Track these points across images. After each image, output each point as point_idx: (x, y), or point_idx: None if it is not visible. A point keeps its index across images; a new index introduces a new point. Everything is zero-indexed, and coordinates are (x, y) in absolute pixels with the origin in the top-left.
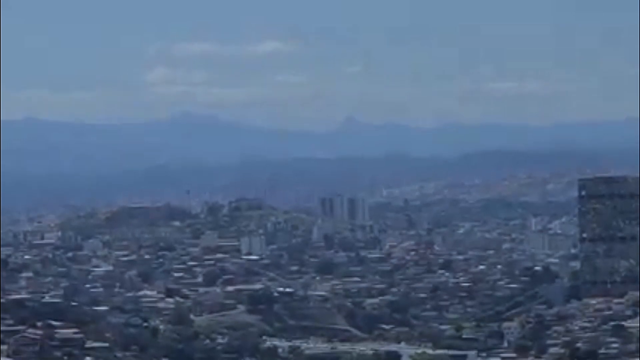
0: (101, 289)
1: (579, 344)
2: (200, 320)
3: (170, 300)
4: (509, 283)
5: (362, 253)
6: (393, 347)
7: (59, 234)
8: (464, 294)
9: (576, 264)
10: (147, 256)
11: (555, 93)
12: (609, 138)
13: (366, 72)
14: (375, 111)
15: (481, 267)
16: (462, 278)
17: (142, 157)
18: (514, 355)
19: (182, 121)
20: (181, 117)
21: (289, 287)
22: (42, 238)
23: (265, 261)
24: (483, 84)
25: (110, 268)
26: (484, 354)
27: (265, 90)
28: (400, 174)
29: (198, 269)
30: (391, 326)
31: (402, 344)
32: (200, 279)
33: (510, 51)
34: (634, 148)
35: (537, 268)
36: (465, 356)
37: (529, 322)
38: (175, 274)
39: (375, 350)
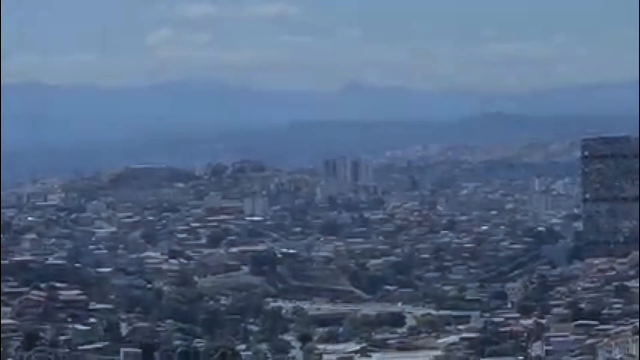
0: (105, 251)
1: (582, 305)
2: (203, 282)
3: (174, 261)
4: (512, 244)
5: (366, 214)
6: (397, 308)
7: (62, 195)
8: (467, 255)
9: (579, 225)
10: (150, 217)
11: (556, 55)
12: (610, 100)
13: (369, 35)
14: (378, 75)
15: (484, 227)
16: (465, 239)
17: (145, 122)
18: (517, 315)
19: (185, 85)
20: (184, 81)
21: (292, 248)
22: (45, 200)
23: (269, 222)
24: (484, 46)
25: (114, 229)
26: (487, 315)
27: (269, 53)
28: (403, 137)
29: (201, 230)
30: (395, 287)
31: (405, 305)
32: (203, 240)
33: (511, 12)
34: (634, 110)
35: (540, 228)
36: (468, 317)
37: (532, 283)
38: (179, 235)
39: (379, 311)
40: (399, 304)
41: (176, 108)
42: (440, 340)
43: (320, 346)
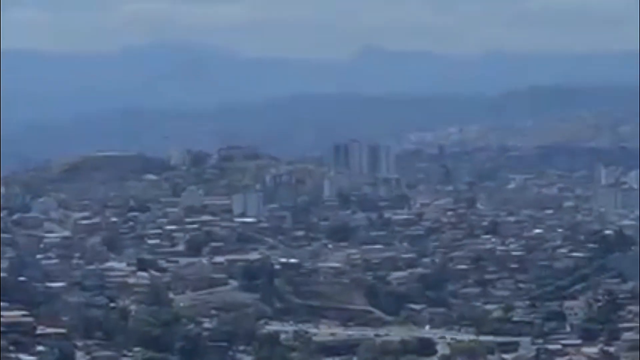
0: (56, 261)
1: None
2: (181, 300)
3: (143, 274)
4: (572, 251)
5: (386, 214)
6: (425, 332)
7: (2, 191)
8: (515, 265)
9: None
10: (114, 218)
11: (625, 13)
12: None
13: None
14: (400, 37)
15: (537, 230)
16: (512, 245)
17: (109, 97)
18: (578, 342)
19: (159, 51)
20: (157, 45)
21: (293, 257)
22: None
23: (264, 224)
24: (532, 2)
25: (67, 234)
26: (540, 341)
27: (262, 11)
28: (434, 115)
29: (179, 235)
30: (423, 306)
31: (436, 329)
32: (181, 247)
33: None
34: None
35: (607, 232)
36: (517, 344)
37: (597, 301)
38: (150, 241)
39: (403, 336)
40: (428, 328)
41: (144, 81)
42: None
43: None
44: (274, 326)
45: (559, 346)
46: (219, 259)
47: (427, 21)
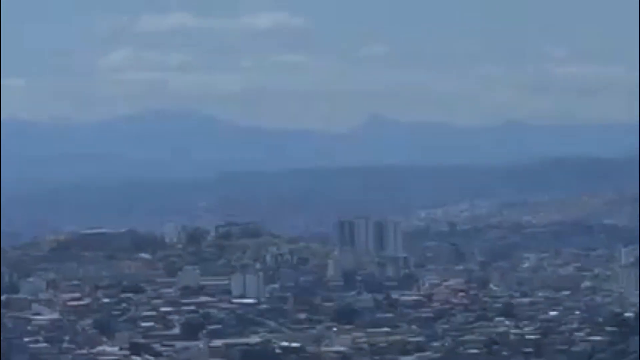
0: (44, 345)
1: None
2: None
3: (137, 358)
4: (590, 335)
5: (394, 295)
6: None
7: None
8: (530, 350)
9: None
10: (105, 300)
11: None
12: None
13: (393, 55)
14: (407, 107)
15: (553, 313)
16: (527, 328)
17: (98, 168)
18: None
19: (150, 119)
20: (149, 114)
21: (295, 340)
22: None
23: (264, 306)
24: (547, 69)
25: (56, 316)
26: None
27: (261, 78)
28: (444, 189)
29: (174, 317)
30: None
31: None
32: (177, 330)
33: (582, 25)
34: None
35: (628, 314)
36: None
37: None
38: (144, 324)
39: None
40: None
41: (142, 150)
42: None
43: None
44: None
45: None
46: (217, 342)
47: (437, 88)
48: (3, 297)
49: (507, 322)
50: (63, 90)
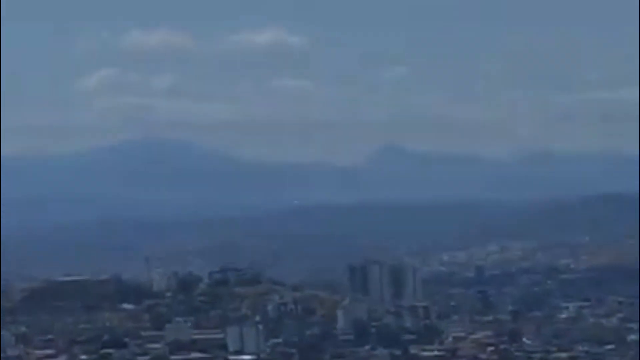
0: None
1: None
2: None
3: None
4: None
5: (413, 350)
6: None
7: None
8: None
9: None
10: (83, 357)
11: None
12: None
13: (410, 79)
14: (425, 135)
15: None
16: None
17: (76, 207)
18: None
19: (136, 151)
20: (134, 144)
21: None
22: None
23: None
24: (584, 94)
25: None
26: None
27: (259, 105)
28: (469, 229)
29: None
30: None
31: None
32: None
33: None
34: None
35: None
36: None
37: None
38: None
39: None
40: None
41: (125, 187)
42: None
43: None
44: None
45: None
46: None
47: (460, 115)
48: None
49: None
50: (39, 119)
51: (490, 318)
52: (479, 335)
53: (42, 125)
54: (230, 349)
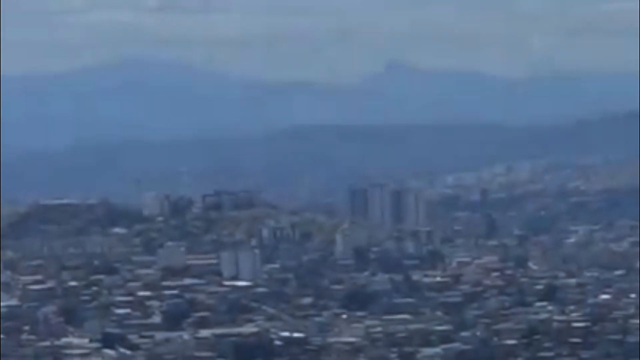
0: (1, 336)
1: None
2: None
3: (109, 352)
4: None
5: (415, 276)
6: None
7: None
8: (577, 340)
9: None
10: (73, 283)
11: None
12: None
13: None
14: (433, 51)
15: (604, 296)
16: (574, 314)
17: (63, 128)
18: None
19: (123, 70)
20: (121, 63)
21: (298, 330)
22: None
23: (261, 289)
24: (602, 5)
25: (15, 302)
26: None
27: (255, 20)
28: (475, 150)
29: (154, 303)
30: None
31: None
32: (157, 319)
33: None
34: None
35: None
36: None
37: None
38: (118, 311)
39: None
40: None
41: (113, 107)
42: None
43: None
44: None
45: None
46: (204, 333)
47: (469, 30)
48: None
49: (549, 308)
50: (19, 36)
51: (495, 242)
52: (484, 260)
53: (22, 43)
54: (225, 274)
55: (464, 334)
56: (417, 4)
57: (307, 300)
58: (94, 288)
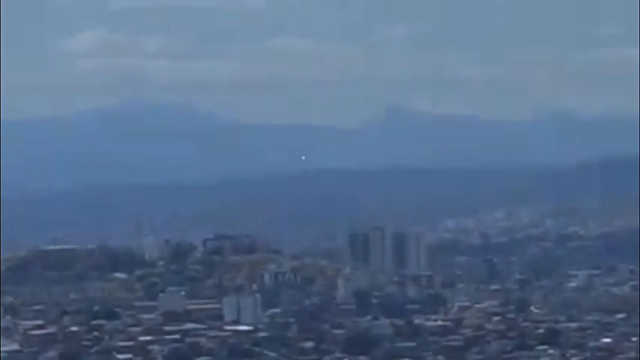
0: None
1: None
2: None
3: None
4: None
5: (416, 320)
6: None
7: None
8: None
9: None
10: (74, 328)
11: None
12: None
13: (415, 36)
14: (433, 96)
15: (606, 340)
16: (576, 358)
17: (63, 171)
18: None
19: (128, 113)
20: (126, 106)
21: None
22: None
23: (263, 334)
24: (599, 52)
25: (16, 347)
26: None
27: (256, 66)
28: (476, 194)
29: (155, 348)
30: None
31: None
32: None
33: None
34: None
35: None
36: None
37: None
38: (120, 356)
39: None
40: None
41: (115, 150)
42: None
43: None
44: None
45: None
46: None
47: (468, 75)
48: None
49: (551, 352)
50: (22, 80)
51: (496, 287)
52: (485, 304)
53: (24, 87)
54: (227, 319)
55: None
56: (417, 49)
57: (309, 344)
58: (95, 333)
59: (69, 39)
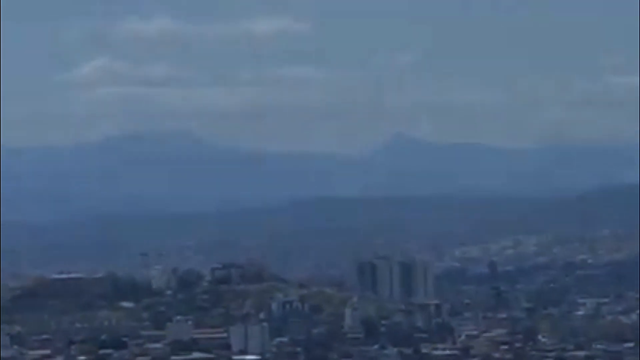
0: None
1: None
2: None
3: None
4: None
5: (424, 349)
6: None
7: None
8: None
9: None
10: (81, 357)
11: None
12: None
13: (421, 65)
14: (438, 124)
15: None
16: None
17: (69, 201)
18: None
19: (132, 143)
20: (129, 136)
21: None
22: None
23: None
24: (602, 81)
25: None
26: None
27: (261, 94)
28: (483, 223)
29: None
30: None
31: None
32: None
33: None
34: None
35: None
36: None
37: None
38: None
39: None
40: None
41: (121, 181)
42: None
43: None
44: None
45: None
46: None
47: (473, 104)
48: None
49: None
50: (30, 110)
51: (504, 315)
52: (492, 333)
53: (33, 117)
54: (234, 348)
55: None
56: (420, 76)
57: None
58: None
59: (76, 68)
